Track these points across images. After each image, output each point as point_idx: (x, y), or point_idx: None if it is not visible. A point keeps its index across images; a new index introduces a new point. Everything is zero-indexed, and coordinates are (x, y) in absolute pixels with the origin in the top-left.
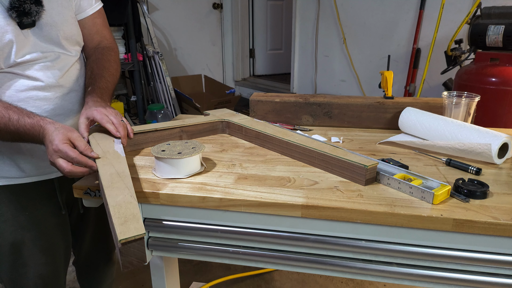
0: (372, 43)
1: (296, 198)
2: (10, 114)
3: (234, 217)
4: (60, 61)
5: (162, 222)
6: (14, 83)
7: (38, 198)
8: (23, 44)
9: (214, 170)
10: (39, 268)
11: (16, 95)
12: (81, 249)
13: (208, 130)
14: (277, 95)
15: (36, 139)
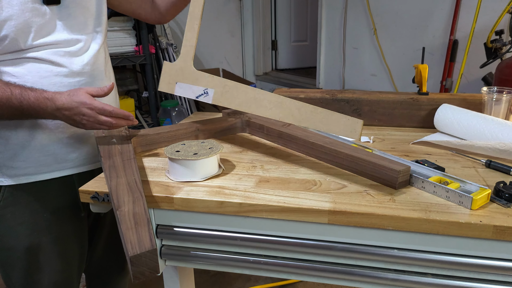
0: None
1: (322, 203)
2: (12, 89)
3: (255, 224)
4: (84, 47)
5: (176, 229)
6: (37, 69)
7: (57, 198)
8: (46, 23)
9: (233, 172)
10: (54, 275)
11: (40, 81)
12: (93, 255)
13: (227, 129)
14: (301, 91)
15: (42, 112)
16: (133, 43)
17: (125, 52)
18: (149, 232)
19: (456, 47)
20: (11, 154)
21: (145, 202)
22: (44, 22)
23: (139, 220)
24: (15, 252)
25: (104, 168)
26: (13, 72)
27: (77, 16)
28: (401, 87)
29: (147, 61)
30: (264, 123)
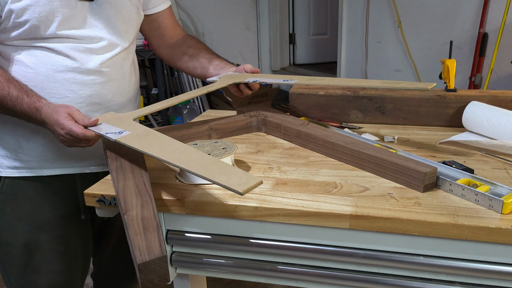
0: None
1: (343, 206)
2: (11, 89)
3: (272, 229)
4: (107, 46)
5: (188, 234)
6: (52, 62)
7: (59, 196)
8: (73, 15)
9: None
10: (52, 276)
11: (53, 75)
12: (102, 261)
13: (242, 128)
14: (321, 87)
15: (32, 120)
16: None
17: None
18: (159, 238)
19: (486, 40)
20: (15, 146)
21: (155, 206)
22: (71, 14)
23: (148, 225)
24: (13, 247)
25: (110, 170)
26: (27, 61)
27: (108, 17)
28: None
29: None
30: (281, 122)
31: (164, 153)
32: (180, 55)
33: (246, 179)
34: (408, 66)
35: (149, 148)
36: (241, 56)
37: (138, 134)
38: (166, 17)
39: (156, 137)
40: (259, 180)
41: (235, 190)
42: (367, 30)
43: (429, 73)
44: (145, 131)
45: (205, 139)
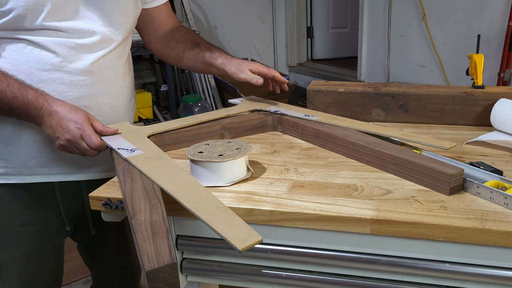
0: (458, 20)
1: (364, 210)
2: (9, 80)
3: (288, 234)
4: (100, 42)
5: (199, 240)
6: (37, 59)
7: (35, 207)
8: (64, 4)
9: (264, 176)
10: None
11: (37, 74)
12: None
13: (257, 127)
14: (340, 84)
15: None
16: None
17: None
18: (168, 244)
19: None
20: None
21: (164, 210)
22: (62, 4)
23: (157, 230)
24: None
25: (117, 172)
26: (8, 57)
27: (103, 7)
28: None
29: None
30: (298, 121)
31: (173, 187)
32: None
33: (247, 235)
34: (432, 61)
35: (158, 177)
36: (256, 50)
37: (150, 156)
38: (162, 12)
39: (167, 164)
40: (259, 238)
41: (233, 246)
42: (389, 23)
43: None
44: (158, 154)
45: (218, 139)
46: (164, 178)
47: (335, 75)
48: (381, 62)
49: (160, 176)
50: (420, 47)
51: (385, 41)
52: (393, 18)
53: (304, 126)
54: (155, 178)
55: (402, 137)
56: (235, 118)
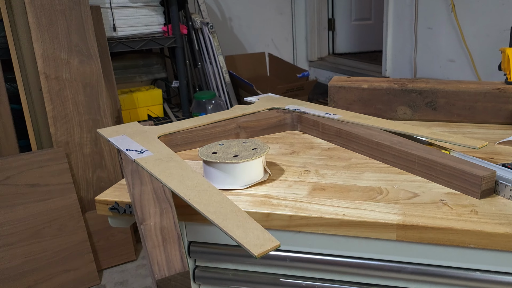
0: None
1: (389, 215)
2: None
3: (308, 240)
4: None
5: (213, 247)
6: None
7: None
8: None
9: (282, 178)
10: None
11: None
12: None
13: (274, 125)
14: (364, 80)
15: None
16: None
17: (151, 33)
18: (180, 251)
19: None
20: None
21: (175, 215)
22: None
23: (167, 236)
24: None
25: (125, 173)
26: None
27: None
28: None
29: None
30: (319, 119)
31: (184, 189)
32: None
33: (264, 240)
34: (463, 55)
35: (169, 179)
36: (274, 44)
37: (160, 157)
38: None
39: (178, 166)
40: (277, 243)
41: (249, 251)
42: (416, 14)
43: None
44: (168, 156)
45: (233, 139)
46: (175, 181)
47: (358, 70)
48: (408, 57)
49: (171, 178)
50: (449, 40)
51: (411, 34)
52: (421, 9)
53: (325, 125)
54: (166, 181)
55: (430, 136)
56: (251, 116)
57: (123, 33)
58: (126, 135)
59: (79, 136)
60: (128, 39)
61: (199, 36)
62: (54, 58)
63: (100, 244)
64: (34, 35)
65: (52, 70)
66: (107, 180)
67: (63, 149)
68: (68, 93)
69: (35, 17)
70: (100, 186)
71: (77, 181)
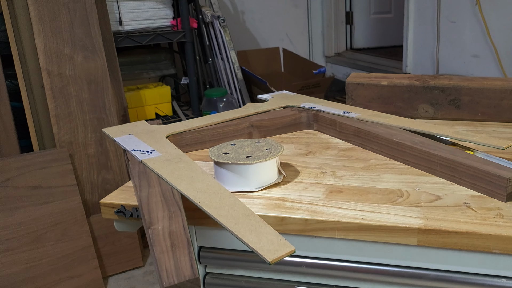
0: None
1: (410, 219)
2: None
3: (325, 246)
4: None
5: (224, 252)
6: None
7: None
8: None
9: (297, 180)
10: None
11: None
12: None
13: (289, 124)
14: (384, 77)
15: None
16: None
17: (159, 27)
18: (190, 257)
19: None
20: None
21: (185, 218)
22: None
23: (176, 241)
24: None
25: (132, 175)
26: None
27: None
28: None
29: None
30: (336, 118)
31: (194, 192)
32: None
33: (278, 245)
34: (488, 50)
35: (177, 181)
36: (288, 39)
37: (168, 158)
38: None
39: (188, 167)
40: (292, 249)
41: (262, 257)
42: (439, 7)
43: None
44: (177, 156)
45: (245, 138)
46: (184, 182)
47: (378, 67)
48: (429, 52)
49: (180, 180)
50: (474, 34)
51: (434, 28)
52: (443, 2)
53: (342, 124)
54: (174, 183)
55: (453, 136)
56: (265, 115)
57: (129, 27)
58: (133, 134)
59: (83, 136)
60: (135, 34)
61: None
62: (56, 53)
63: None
64: (36, 29)
65: (54, 66)
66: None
67: (66, 150)
68: (72, 90)
69: (37, 10)
70: (106, 189)
71: (81, 183)
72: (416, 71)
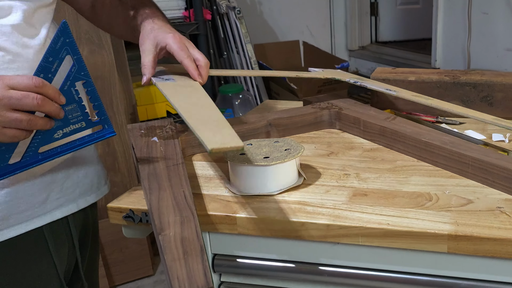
0: None
1: (440, 224)
2: None
3: (348, 253)
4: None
5: (240, 260)
6: None
7: (20, 272)
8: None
9: (318, 182)
10: None
11: None
12: None
13: (310, 123)
14: (411, 72)
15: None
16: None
17: (171, 19)
18: (203, 265)
19: None
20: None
21: (198, 224)
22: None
23: (189, 248)
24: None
25: (142, 178)
26: None
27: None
28: None
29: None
30: (360, 116)
31: (183, 104)
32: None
33: (229, 140)
34: None
35: (174, 96)
36: (309, 31)
37: (180, 84)
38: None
39: (192, 90)
40: (239, 144)
41: (203, 144)
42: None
43: None
44: (189, 84)
45: (263, 138)
46: (178, 97)
47: (405, 61)
48: (460, 45)
49: (176, 96)
50: (508, 27)
51: (465, 20)
52: None
53: (367, 123)
54: (170, 97)
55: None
56: (284, 113)
57: None
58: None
59: None
60: None
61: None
62: None
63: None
64: None
65: None
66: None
67: None
68: None
69: None
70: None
71: None
72: (446, 66)
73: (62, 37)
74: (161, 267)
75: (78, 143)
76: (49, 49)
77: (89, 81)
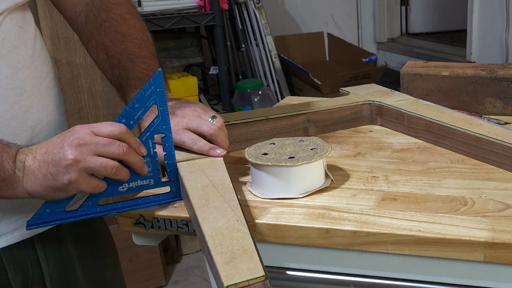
0: None
1: (475, 231)
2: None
3: (376, 262)
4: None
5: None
6: None
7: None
8: None
9: (344, 186)
10: None
11: None
12: None
13: (349, 119)
14: (444, 66)
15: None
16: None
17: (184, 9)
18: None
19: None
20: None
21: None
22: None
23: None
24: None
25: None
26: None
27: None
28: None
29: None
30: (404, 111)
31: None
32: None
33: (243, 274)
34: None
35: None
36: (334, 22)
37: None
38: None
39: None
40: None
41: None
42: None
43: None
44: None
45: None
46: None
47: (438, 54)
48: (498, 38)
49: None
50: None
51: (502, 10)
52: None
53: (412, 118)
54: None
55: None
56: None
57: (150, 8)
58: None
59: None
60: (156, 16)
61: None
62: (65, 39)
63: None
64: (41, 11)
65: (63, 54)
66: None
67: None
68: (83, 82)
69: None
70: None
71: None
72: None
73: (153, 85)
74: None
75: (141, 201)
76: (138, 95)
77: (169, 136)
